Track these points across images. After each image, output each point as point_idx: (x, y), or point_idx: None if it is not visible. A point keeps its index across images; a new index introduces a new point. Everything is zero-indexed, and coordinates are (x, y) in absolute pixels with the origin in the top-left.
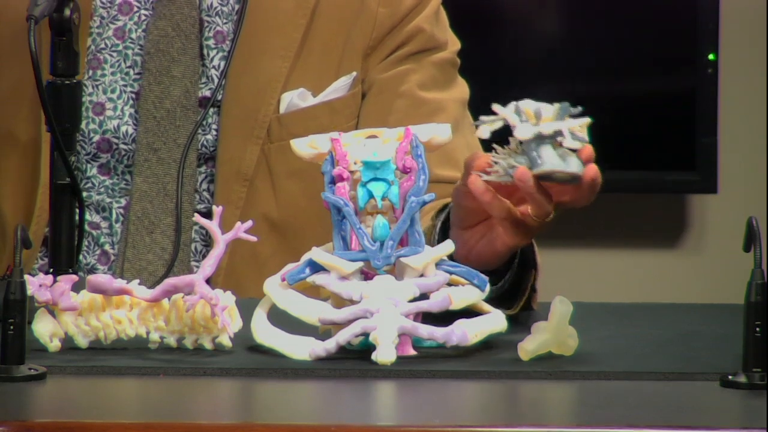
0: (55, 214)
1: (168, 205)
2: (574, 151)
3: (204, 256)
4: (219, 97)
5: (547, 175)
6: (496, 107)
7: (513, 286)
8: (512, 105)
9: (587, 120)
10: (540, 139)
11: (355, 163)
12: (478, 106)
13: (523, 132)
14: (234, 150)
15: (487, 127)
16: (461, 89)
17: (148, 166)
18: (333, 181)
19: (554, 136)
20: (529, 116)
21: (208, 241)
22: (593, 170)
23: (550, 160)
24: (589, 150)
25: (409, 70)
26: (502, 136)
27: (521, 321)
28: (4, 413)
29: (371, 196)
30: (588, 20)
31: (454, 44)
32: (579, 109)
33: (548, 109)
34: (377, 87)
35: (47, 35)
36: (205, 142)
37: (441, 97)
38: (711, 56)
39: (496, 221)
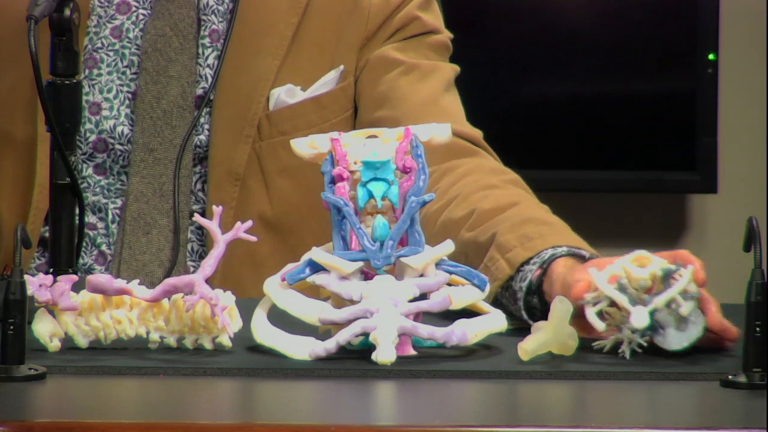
0: (55, 215)
1: (164, 206)
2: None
3: (200, 256)
4: (212, 97)
5: None
6: (597, 278)
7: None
8: (614, 279)
9: (691, 268)
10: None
11: (355, 163)
12: (477, 106)
13: (639, 320)
14: (226, 150)
15: (592, 309)
16: (453, 66)
17: (145, 167)
18: (333, 181)
19: (669, 305)
20: (638, 293)
21: (204, 241)
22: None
23: (672, 335)
24: (718, 323)
25: (400, 47)
26: None
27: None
28: (4, 413)
29: (371, 196)
30: (588, 20)
31: (448, 34)
32: (680, 265)
33: (654, 270)
34: (369, 64)
35: (47, 35)
36: (198, 143)
37: (434, 63)
38: (711, 56)
39: None
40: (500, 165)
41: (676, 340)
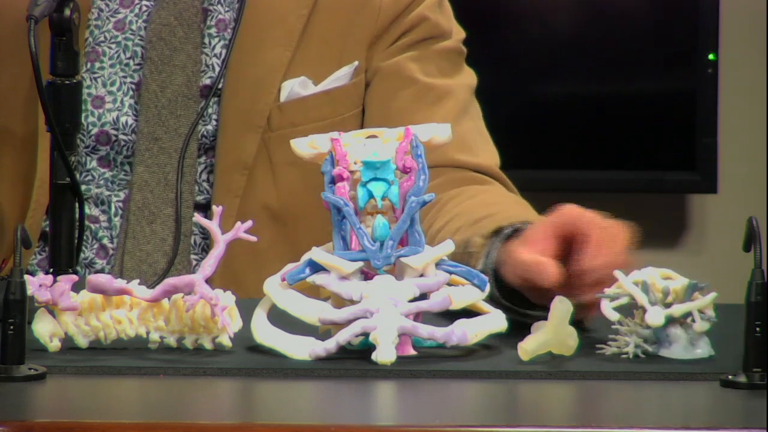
0: (55, 214)
1: (168, 196)
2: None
3: (203, 249)
4: (220, 86)
5: None
6: (621, 277)
7: None
8: (639, 278)
9: (714, 294)
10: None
11: (355, 163)
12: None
13: (654, 318)
14: (234, 139)
15: (611, 304)
16: (469, 75)
17: (149, 156)
18: (333, 181)
19: (685, 316)
20: (657, 295)
21: (206, 234)
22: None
23: (678, 350)
24: None
25: (414, 57)
26: None
27: (521, 321)
28: (4, 413)
29: (371, 196)
30: (588, 20)
31: (459, 33)
32: (707, 284)
33: (676, 286)
34: (381, 74)
35: (47, 35)
36: (205, 133)
37: (448, 83)
38: (711, 56)
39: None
40: (510, 193)
41: (681, 355)
